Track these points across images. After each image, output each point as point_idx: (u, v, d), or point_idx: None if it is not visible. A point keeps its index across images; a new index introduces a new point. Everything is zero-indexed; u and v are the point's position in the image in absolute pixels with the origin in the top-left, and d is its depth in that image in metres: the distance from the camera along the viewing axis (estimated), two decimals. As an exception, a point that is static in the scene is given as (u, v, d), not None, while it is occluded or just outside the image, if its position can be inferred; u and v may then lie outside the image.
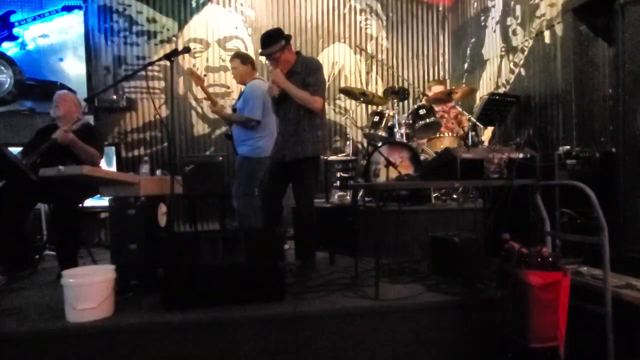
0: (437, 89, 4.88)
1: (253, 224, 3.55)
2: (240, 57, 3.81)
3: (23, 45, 5.00)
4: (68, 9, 5.05)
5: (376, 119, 4.21)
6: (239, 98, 3.87)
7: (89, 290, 2.09)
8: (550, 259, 1.94)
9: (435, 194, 3.87)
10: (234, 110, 3.85)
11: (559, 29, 3.88)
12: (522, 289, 1.92)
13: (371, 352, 2.21)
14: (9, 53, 4.86)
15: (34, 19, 4.98)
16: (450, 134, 4.35)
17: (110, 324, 2.08)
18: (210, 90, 5.48)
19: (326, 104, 3.17)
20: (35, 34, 5.03)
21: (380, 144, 3.73)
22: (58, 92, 3.33)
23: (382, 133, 4.14)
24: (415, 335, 2.25)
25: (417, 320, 2.26)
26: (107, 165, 4.65)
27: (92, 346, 2.02)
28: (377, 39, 5.90)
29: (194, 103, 5.50)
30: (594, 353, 2.00)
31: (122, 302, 2.31)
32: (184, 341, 2.08)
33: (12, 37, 4.93)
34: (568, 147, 2.93)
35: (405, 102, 5.31)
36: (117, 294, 2.26)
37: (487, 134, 4.78)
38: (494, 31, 4.91)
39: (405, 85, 5.53)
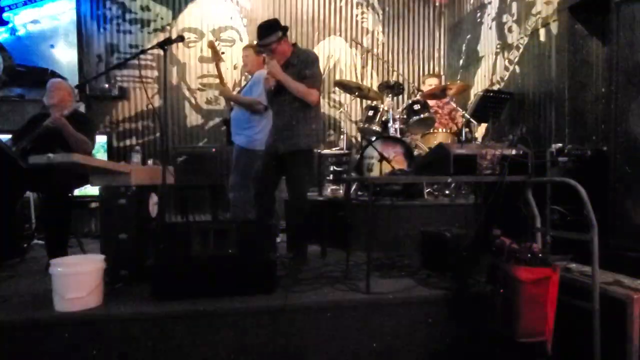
0: (431, 81, 4.88)
1: (246, 216, 3.54)
2: (254, 48, 3.83)
3: (13, 30, 4.90)
4: (60, -6, 4.96)
5: (370, 113, 4.21)
6: (243, 87, 3.93)
7: (77, 279, 2.07)
8: (540, 255, 1.96)
9: (428, 189, 3.88)
10: None
11: (554, 27, 3.89)
12: (512, 284, 1.94)
13: (361, 345, 2.22)
14: (-1, 38, 4.78)
15: (25, 3, 4.88)
16: (444, 129, 4.36)
17: (99, 314, 2.07)
18: (204, 80, 5.46)
19: (321, 97, 3.15)
20: (25, 20, 4.93)
21: (374, 138, 3.73)
22: (52, 80, 3.25)
23: (376, 127, 4.15)
24: (405, 329, 2.26)
25: (407, 314, 2.27)
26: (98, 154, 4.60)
27: (80, 335, 2.01)
28: (373, 33, 5.87)
29: (187, 93, 5.45)
30: (581, 348, 2.03)
31: (111, 292, 2.30)
32: (173, 332, 2.07)
33: (2, 22, 4.83)
34: (560, 144, 2.95)
35: (400, 97, 5.31)
36: (106, 284, 2.25)
37: (480, 130, 4.79)
38: (490, 28, 4.91)
39: (400, 80, 5.50)
